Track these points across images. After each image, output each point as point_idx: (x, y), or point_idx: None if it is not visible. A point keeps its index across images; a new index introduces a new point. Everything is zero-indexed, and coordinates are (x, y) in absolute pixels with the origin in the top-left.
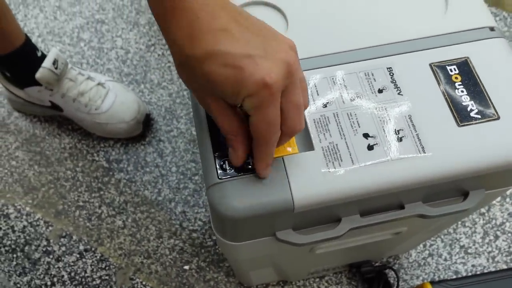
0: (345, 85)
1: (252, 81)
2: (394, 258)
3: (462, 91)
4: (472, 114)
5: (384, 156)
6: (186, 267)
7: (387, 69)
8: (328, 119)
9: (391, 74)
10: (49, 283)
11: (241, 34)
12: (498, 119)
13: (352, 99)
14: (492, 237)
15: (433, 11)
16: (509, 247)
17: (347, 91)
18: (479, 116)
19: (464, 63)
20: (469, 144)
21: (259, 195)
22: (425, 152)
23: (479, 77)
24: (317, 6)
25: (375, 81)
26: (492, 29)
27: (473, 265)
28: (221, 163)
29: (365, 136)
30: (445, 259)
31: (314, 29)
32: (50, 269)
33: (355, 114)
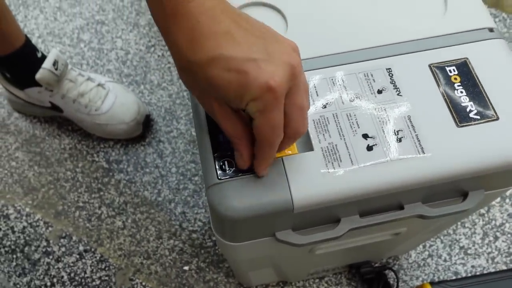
0: (344, 86)
1: (256, 85)
2: (393, 259)
3: (461, 92)
4: (471, 115)
5: (383, 157)
6: (186, 267)
7: (387, 70)
8: (328, 119)
9: (391, 75)
10: (48, 283)
11: (243, 37)
12: (497, 119)
13: (352, 99)
14: (491, 238)
15: (432, 12)
16: (509, 248)
17: (346, 91)
18: (478, 117)
19: (463, 64)
20: (468, 145)
21: (259, 196)
22: (424, 152)
23: (478, 78)
24: (316, 6)
25: (374, 81)
26: (491, 30)
27: (472, 266)
28: (221, 163)
29: (364, 137)
30: (445, 260)
31: (313, 29)
32: (50, 269)
33: (355, 115)
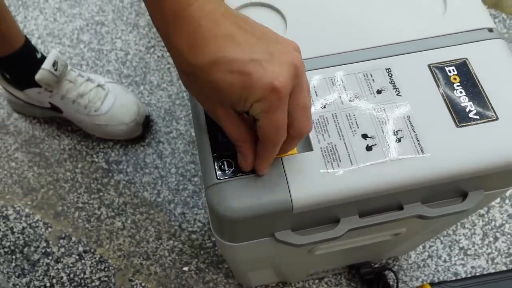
0: (344, 86)
1: (260, 85)
2: (393, 260)
3: (461, 92)
4: (470, 115)
5: (382, 157)
6: (185, 268)
7: (386, 70)
8: (327, 119)
9: (390, 75)
10: (48, 284)
11: (244, 39)
12: (497, 119)
13: (351, 100)
14: (491, 239)
15: (432, 12)
16: (509, 248)
17: (346, 92)
18: (478, 117)
19: (463, 64)
20: (467, 145)
21: (258, 196)
22: (423, 152)
23: (477, 78)
24: (315, 6)
25: (374, 82)
26: (491, 30)
27: (472, 267)
28: (220, 164)
29: (363, 137)
30: (445, 261)
31: (313, 30)
32: (49, 270)
33: (354, 115)
